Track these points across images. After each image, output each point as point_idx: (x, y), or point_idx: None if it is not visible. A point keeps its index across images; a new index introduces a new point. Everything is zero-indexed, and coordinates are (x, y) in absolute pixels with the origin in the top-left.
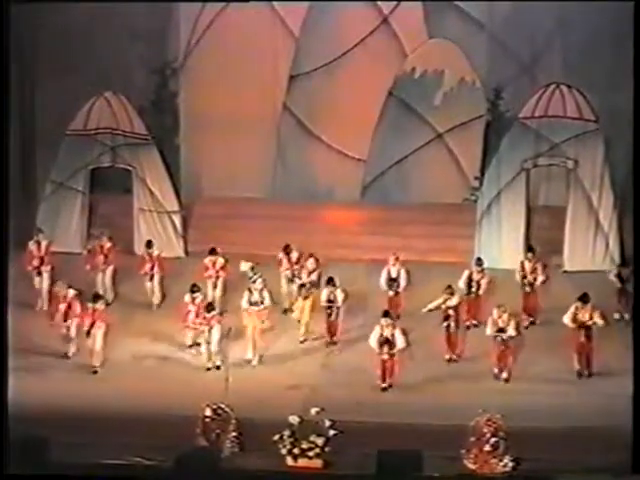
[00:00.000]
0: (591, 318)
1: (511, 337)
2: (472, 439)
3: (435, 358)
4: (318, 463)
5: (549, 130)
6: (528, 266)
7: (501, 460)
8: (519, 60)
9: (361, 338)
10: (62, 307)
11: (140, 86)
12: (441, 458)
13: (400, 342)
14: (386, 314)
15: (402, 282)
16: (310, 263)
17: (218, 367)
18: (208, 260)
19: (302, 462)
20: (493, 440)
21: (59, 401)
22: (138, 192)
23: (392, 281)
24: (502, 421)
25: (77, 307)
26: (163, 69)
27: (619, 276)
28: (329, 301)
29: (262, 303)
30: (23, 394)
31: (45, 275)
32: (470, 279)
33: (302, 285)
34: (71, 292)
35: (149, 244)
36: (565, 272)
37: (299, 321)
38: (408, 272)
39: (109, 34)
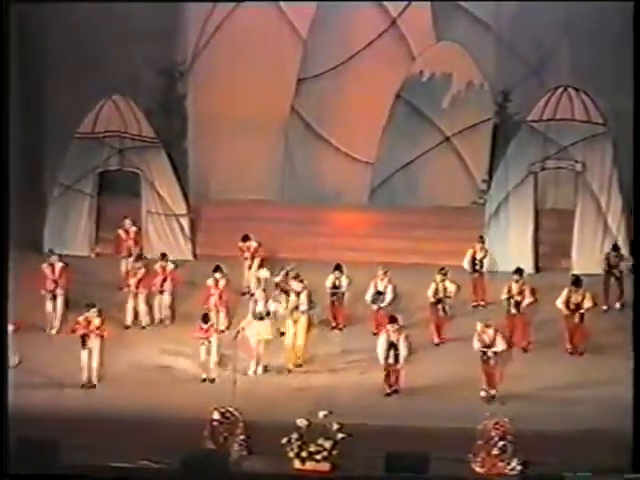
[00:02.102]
0: (583, 300)
1: (497, 353)
2: (480, 442)
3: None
4: (326, 466)
5: (557, 133)
6: (515, 287)
7: (509, 463)
8: (527, 63)
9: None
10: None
11: (148, 88)
12: (449, 461)
13: (403, 351)
14: (392, 320)
15: (388, 297)
16: (295, 285)
17: (213, 380)
18: (242, 245)
19: (310, 465)
20: (501, 443)
21: (67, 404)
22: (146, 195)
23: (378, 294)
24: (510, 424)
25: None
26: (171, 71)
27: (607, 260)
28: (334, 287)
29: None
30: (31, 397)
31: (60, 299)
32: (474, 258)
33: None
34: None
35: (164, 256)
36: (574, 275)
37: (293, 347)
38: (395, 287)
39: (117, 36)
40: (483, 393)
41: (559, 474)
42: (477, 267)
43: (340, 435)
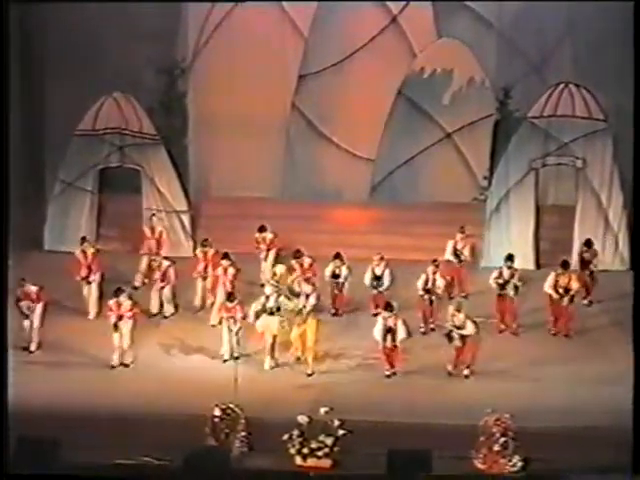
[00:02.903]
0: (569, 282)
1: (468, 335)
2: (481, 439)
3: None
4: (327, 463)
5: (558, 129)
6: (506, 273)
7: (510, 460)
8: (528, 59)
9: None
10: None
11: (149, 86)
12: (450, 458)
13: (402, 332)
14: (387, 306)
15: (386, 281)
16: (305, 286)
17: (237, 357)
18: (258, 236)
19: (311, 462)
20: (502, 440)
21: (68, 401)
22: (147, 192)
23: (376, 280)
24: (511, 421)
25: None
26: (172, 69)
27: (581, 257)
28: (334, 276)
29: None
30: (32, 394)
31: (94, 285)
32: (455, 249)
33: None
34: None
35: (205, 242)
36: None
37: (298, 358)
38: (392, 272)
39: (118, 34)
40: (450, 367)
41: (560, 472)
42: (460, 257)
43: (341, 431)
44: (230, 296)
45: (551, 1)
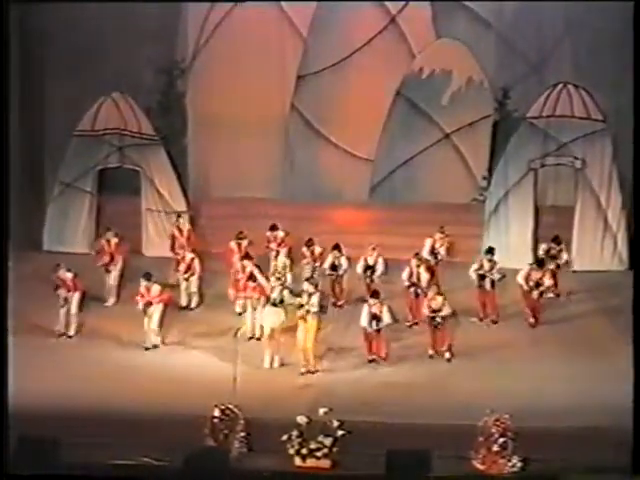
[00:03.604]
0: (542, 278)
1: (445, 317)
2: (480, 439)
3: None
4: (326, 463)
5: (557, 130)
6: (486, 265)
7: (509, 460)
8: (527, 60)
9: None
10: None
11: (148, 86)
12: (449, 458)
13: (387, 318)
14: (374, 294)
15: (378, 270)
16: (307, 286)
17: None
18: (270, 234)
19: (310, 462)
20: (501, 440)
21: (68, 401)
22: (146, 192)
23: (369, 269)
24: (510, 421)
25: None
26: (171, 69)
27: (547, 252)
28: (333, 267)
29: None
30: (32, 395)
31: (115, 273)
32: (433, 247)
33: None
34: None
35: (240, 235)
36: (574, 272)
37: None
38: (385, 261)
39: (117, 35)
40: (430, 351)
41: (559, 472)
42: (437, 256)
43: (340, 432)
44: (252, 276)
45: (550, 1)
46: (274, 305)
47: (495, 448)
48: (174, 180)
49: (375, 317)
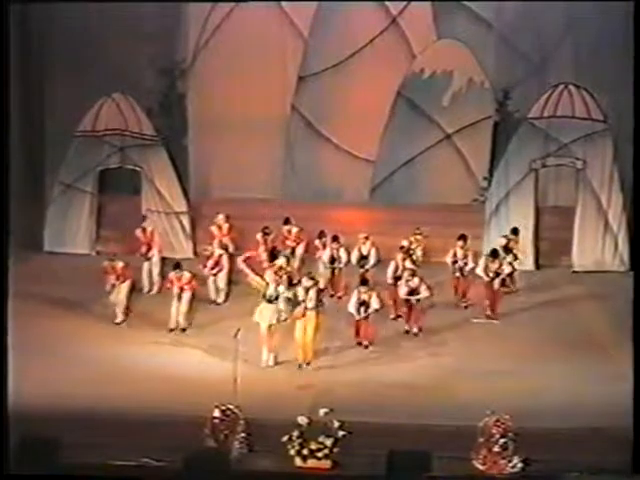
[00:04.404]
0: (500, 267)
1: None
2: (481, 440)
3: None
4: (327, 464)
5: (558, 130)
6: (459, 253)
7: (510, 461)
8: (528, 60)
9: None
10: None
11: (148, 87)
12: (450, 459)
13: (375, 304)
14: (363, 282)
15: (372, 260)
16: (305, 280)
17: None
18: (285, 229)
19: (311, 463)
20: (502, 441)
21: (68, 401)
22: (147, 193)
23: (363, 259)
24: (511, 422)
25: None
26: (172, 70)
27: (506, 247)
28: (332, 259)
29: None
30: (32, 395)
31: (155, 260)
32: (409, 249)
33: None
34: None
35: (266, 230)
36: (574, 272)
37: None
38: (378, 250)
39: (118, 35)
40: (406, 327)
41: (560, 473)
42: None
43: (341, 432)
44: (273, 257)
45: (551, 1)
46: (269, 302)
47: (496, 449)
48: (175, 180)
49: (363, 304)
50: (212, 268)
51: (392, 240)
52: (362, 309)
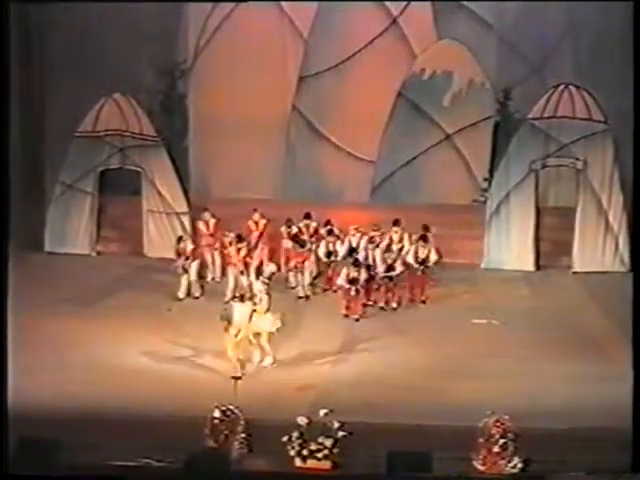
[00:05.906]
0: (429, 254)
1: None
2: (481, 440)
3: None
4: (327, 464)
5: (558, 131)
6: (395, 237)
7: (510, 461)
8: (528, 61)
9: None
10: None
11: (149, 87)
12: (450, 459)
13: (363, 275)
14: (355, 262)
15: (362, 252)
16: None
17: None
18: (303, 224)
19: (311, 463)
20: (502, 441)
21: (68, 402)
22: (147, 194)
23: (353, 251)
24: (511, 422)
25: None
26: (172, 70)
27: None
28: (329, 253)
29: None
30: (32, 395)
31: (216, 252)
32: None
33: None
34: None
35: (289, 223)
36: (575, 273)
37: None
38: (370, 239)
39: (118, 35)
40: (381, 303)
41: (560, 473)
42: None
43: (341, 433)
44: (302, 243)
45: (551, 1)
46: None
47: (495, 449)
48: (175, 181)
49: (353, 281)
50: (186, 259)
51: None
52: (352, 285)
